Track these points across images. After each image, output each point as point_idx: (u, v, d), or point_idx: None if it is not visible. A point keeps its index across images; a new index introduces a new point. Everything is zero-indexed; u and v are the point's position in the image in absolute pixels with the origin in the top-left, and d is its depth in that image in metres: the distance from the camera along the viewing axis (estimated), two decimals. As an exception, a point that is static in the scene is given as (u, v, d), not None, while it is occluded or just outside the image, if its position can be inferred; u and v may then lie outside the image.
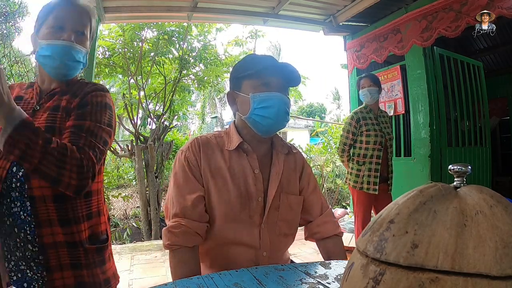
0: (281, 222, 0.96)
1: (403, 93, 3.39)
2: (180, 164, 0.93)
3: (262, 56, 0.98)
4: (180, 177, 0.91)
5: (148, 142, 4.42)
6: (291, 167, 1.01)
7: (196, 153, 0.93)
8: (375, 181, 2.33)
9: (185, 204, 0.88)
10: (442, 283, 0.29)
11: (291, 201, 0.98)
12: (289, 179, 0.99)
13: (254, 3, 3.39)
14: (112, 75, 4.82)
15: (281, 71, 0.93)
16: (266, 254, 0.93)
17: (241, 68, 0.95)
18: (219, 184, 0.91)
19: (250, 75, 0.92)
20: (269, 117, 0.90)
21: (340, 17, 3.60)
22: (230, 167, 0.93)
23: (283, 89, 0.94)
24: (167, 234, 0.86)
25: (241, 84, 0.95)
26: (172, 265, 0.87)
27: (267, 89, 0.91)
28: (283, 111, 0.92)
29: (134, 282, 2.67)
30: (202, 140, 0.96)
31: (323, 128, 7.64)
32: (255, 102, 0.91)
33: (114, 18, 3.40)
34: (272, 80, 0.92)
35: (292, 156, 1.03)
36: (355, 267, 0.36)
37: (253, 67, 0.91)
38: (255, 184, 0.93)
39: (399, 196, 0.37)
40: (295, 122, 20.25)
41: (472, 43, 4.53)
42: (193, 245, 0.87)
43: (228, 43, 5.04)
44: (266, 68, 0.91)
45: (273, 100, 0.90)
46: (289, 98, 0.96)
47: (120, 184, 6.70)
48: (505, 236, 0.29)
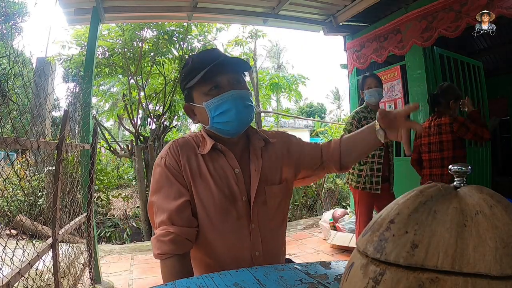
0: (272, 215, 0.94)
1: (403, 93, 3.39)
2: (161, 170, 0.89)
3: (201, 57, 0.92)
4: (164, 184, 0.88)
5: (148, 142, 4.42)
6: (272, 158, 0.97)
7: (175, 156, 0.89)
8: (377, 181, 2.33)
9: (172, 210, 0.84)
10: (442, 283, 0.29)
11: (277, 191, 0.95)
12: (271, 170, 0.96)
13: (254, 3, 3.39)
14: (112, 75, 4.83)
15: (225, 64, 0.87)
16: (259, 253, 0.91)
17: (186, 77, 0.91)
18: (202, 186, 0.88)
19: (196, 83, 0.88)
20: (230, 120, 0.87)
21: (340, 17, 3.60)
22: (210, 169, 0.90)
23: (235, 82, 0.89)
24: (156, 243, 0.83)
25: (192, 94, 0.91)
26: (164, 274, 0.84)
27: (218, 92, 0.87)
28: (243, 106, 0.88)
29: (134, 282, 2.67)
30: (180, 142, 0.93)
31: (323, 128, 7.64)
32: (211, 111, 0.87)
33: (114, 18, 3.40)
34: (219, 80, 0.87)
35: (270, 146, 0.98)
36: (355, 267, 0.36)
37: (196, 73, 0.86)
38: (237, 183, 0.90)
39: (399, 196, 0.37)
40: (295, 122, 20.21)
41: (472, 43, 4.52)
42: (183, 252, 0.84)
43: (228, 43, 5.04)
44: (210, 70, 0.85)
45: (228, 101, 0.86)
46: (246, 86, 0.92)
47: (120, 184, 6.70)
48: (505, 236, 0.29)
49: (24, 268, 1.35)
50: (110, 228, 4.28)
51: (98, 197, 4.69)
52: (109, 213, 4.78)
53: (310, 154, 1.02)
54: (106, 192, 4.88)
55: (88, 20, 2.89)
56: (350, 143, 1.00)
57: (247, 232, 0.90)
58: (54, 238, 1.75)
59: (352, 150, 1.00)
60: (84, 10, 2.91)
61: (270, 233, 0.94)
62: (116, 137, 11.95)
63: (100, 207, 4.71)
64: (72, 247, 2.26)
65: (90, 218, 2.51)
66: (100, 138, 4.06)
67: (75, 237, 2.43)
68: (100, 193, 4.72)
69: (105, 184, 4.93)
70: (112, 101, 5.71)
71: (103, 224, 4.42)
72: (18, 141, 1.31)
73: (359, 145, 0.99)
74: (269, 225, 0.93)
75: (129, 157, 4.76)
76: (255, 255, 0.91)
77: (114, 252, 3.45)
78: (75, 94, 3.07)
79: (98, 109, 9.28)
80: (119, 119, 5.55)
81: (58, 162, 1.81)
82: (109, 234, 4.12)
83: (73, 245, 2.33)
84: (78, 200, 2.38)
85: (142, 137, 4.72)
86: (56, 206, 1.75)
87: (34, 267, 1.48)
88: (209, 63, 0.85)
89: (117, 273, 2.86)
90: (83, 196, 2.50)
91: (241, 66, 0.91)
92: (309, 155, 1.02)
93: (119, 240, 4.01)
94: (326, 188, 5.34)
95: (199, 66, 0.87)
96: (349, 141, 1.01)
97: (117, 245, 3.78)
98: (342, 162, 1.01)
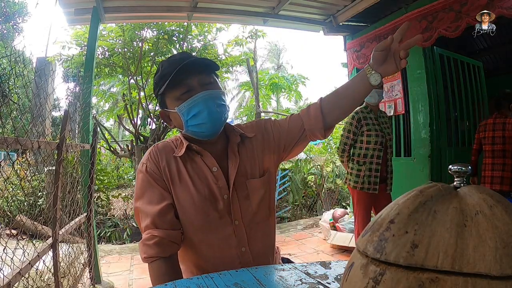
0: (256, 208, 0.93)
1: (403, 93, 3.39)
2: (143, 176, 0.90)
3: (170, 61, 0.91)
4: (146, 189, 0.89)
5: (148, 142, 4.42)
6: (250, 152, 0.97)
7: (155, 161, 0.90)
8: (375, 181, 2.34)
9: (155, 214, 0.85)
10: (442, 283, 0.29)
11: (258, 185, 0.94)
12: (250, 164, 0.95)
13: (254, 3, 3.39)
14: (112, 75, 4.83)
15: (193, 66, 0.87)
16: (245, 249, 0.91)
17: (157, 84, 0.91)
18: (181, 189, 0.89)
19: (167, 89, 0.88)
20: (204, 122, 0.87)
21: (340, 17, 3.60)
22: (189, 170, 0.90)
23: (206, 83, 0.89)
24: (142, 247, 0.85)
25: (165, 100, 0.91)
26: (152, 277, 0.85)
27: (189, 95, 0.86)
28: (215, 106, 0.87)
29: (134, 282, 2.67)
30: (159, 147, 0.94)
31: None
32: (184, 114, 0.87)
33: (114, 18, 3.40)
34: (188, 82, 0.87)
35: (248, 141, 0.98)
36: (355, 267, 0.36)
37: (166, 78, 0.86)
38: (216, 182, 0.90)
39: (399, 196, 0.38)
40: (295, 122, 20.15)
41: (472, 43, 4.52)
42: (169, 254, 0.85)
43: (228, 43, 5.04)
44: (177, 74, 0.85)
45: (200, 104, 0.86)
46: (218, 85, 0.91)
47: (120, 184, 6.70)
48: (505, 236, 0.29)
49: (25, 268, 1.35)
50: (110, 228, 4.29)
51: (98, 197, 4.69)
52: (109, 213, 4.78)
53: (290, 130, 0.99)
54: (106, 192, 4.89)
55: (88, 20, 2.89)
56: (333, 100, 0.96)
57: (231, 229, 0.90)
58: (54, 238, 1.75)
59: (336, 107, 0.96)
60: (84, 10, 2.91)
61: (256, 227, 0.94)
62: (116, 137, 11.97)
63: (100, 207, 4.71)
64: (72, 247, 2.26)
65: (90, 218, 2.52)
66: (100, 138, 4.06)
67: (75, 237, 2.43)
68: (100, 193, 4.72)
69: (105, 184, 4.93)
70: (112, 101, 5.72)
71: (103, 224, 4.42)
72: (19, 141, 1.31)
73: (346, 98, 0.95)
74: (254, 219, 0.93)
75: (129, 157, 4.77)
76: (241, 252, 0.91)
77: (114, 252, 3.46)
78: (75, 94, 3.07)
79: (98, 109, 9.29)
80: (119, 119, 5.56)
81: (58, 162, 1.81)
82: (109, 234, 4.12)
83: (73, 245, 2.33)
84: (78, 200, 2.38)
85: (142, 137, 4.73)
86: (56, 206, 1.75)
87: (34, 267, 1.48)
88: (175, 69, 0.84)
89: (117, 273, 2.86)
90: (83, 196, 2.50)
91: (210, 66, 0.91)
92: (288, 132, 0.99)
93: (119, 240, 4.02)
94: (326, 188, 5.34)
95: (168, 71, 0.87)
96: (332, 98, 0.97)
97: (117, 245, 3.79)
98: (326, 125, 0.97)
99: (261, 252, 0.95)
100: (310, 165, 5.78)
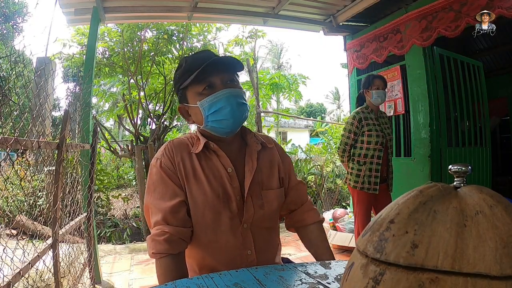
0: (269, 218, 0.95)
1: (403, 93, 3.38)
2: (157, 171, 0.90)
3: (194, 58, 0.93)
4: (159, 185, 0.89)
5: (148, 142, 4.42)
6: (267, 163, 0.99)
7: (170, 157, 0.90)
8: (375, 181, 2.34)
9: (166, 210, 0.85)
10: (442, 283, 0.29)
11: (273, 196, 0.96)
12: (268, 174, 0.97)
13: (254, 3, 3.39)
14: (112, 75, 4.82)
15: (218, 64, 0.88)
16: (251, 252, 0.92)
17: (180, 78, 0.92)
18: (196, 186, 0.89)
19: (190, 84, 0.89)
20: (225, 118, 0.88)
21: (340, 17, 3.60)
22: (204, 168, 0.90)
23: (228, 81, 0.90)
24: (151, 242, 0.85)
25: (186, 95, 0.92)
26: (159, 273, 0.85)
27: (212, 91, 0.88)
28: (237, 104, 0.88)
29: (134, 282, 2.67)
30: (175, 143, 0.94)
31: (323, 128, 7.65)
32: (205, 109, 0.88)
33: (114, 18, 3.40)
34: (213, 80, 0.88)
35: (267, 151, 1.00)
36: (355, 267, 0.36)
37: (189, 74, 0.88)
38: (231, 183, 0.91)
39: (399, 196, 0.38)
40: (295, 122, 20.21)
41: (472, 43, 4.52)
42: (178, 251, 0.85)
43: (228, 43, 5.04)
44: (203, 70, 0.86)
45: (222, 100, 0.87)
46: (239, 85, 0.93)
47: (120, 184, 6.70)
48: (505, 236, 0.29)
49: (25, 268, 1.35)
50: (110, 228, 4.28)
51: (98, 197, 4.68)
52: (109, 213, 4.78)
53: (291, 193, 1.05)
54: (106, 192, 4.88)
55: (88, 20, 2.89)
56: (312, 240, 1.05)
57: (239, 231, 0.91)
58: (54, 238, 1.75)
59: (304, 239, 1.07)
60: (84, 10, 2.91)
61: (263, 232, 0.95)
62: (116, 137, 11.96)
63: (100, 207, 4.70)
64: (72, 247, 2.26)
65: (90, 218, 2.51)
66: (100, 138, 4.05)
67: (75, 237, 2.43)
68: (100, 193, 4.72)
69: (105, 184, 4.92)
70: (112, 101, 5.71)
71: (103, 224, 4.41)
72: (19, 141, 1.31)
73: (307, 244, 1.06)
74: (263, 225, 0.95)
75: (129, 157, 4.76)
76: (247, 254, 0.92)
77: (114, 252, 3.46)
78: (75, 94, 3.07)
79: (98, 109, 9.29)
80: (119, 119, 5.56)
81: (58, 162, 1.81)
82: (109, 234, 4.12)
83: (73, 245, 2.33)
84: (78, 200, 2.38)
85: (142, 137, 4.73)
86: (56, 206, 1.75)
87: (34, 267, 1.48)
88: (202, 64, 0.86)
89: (117, 273, 2.86)
90: (83, 196, 2.50)
91: (234, 66, 0.92)
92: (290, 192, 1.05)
93: (119, 240, 4.01)
94: (326, 188, 5.34)
95: (193, 67, 0.88)
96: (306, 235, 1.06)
97: (117, 245, 3.78)
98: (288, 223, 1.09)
99: (266, 256, 0.96)
100: (310, 165, 5.77)
